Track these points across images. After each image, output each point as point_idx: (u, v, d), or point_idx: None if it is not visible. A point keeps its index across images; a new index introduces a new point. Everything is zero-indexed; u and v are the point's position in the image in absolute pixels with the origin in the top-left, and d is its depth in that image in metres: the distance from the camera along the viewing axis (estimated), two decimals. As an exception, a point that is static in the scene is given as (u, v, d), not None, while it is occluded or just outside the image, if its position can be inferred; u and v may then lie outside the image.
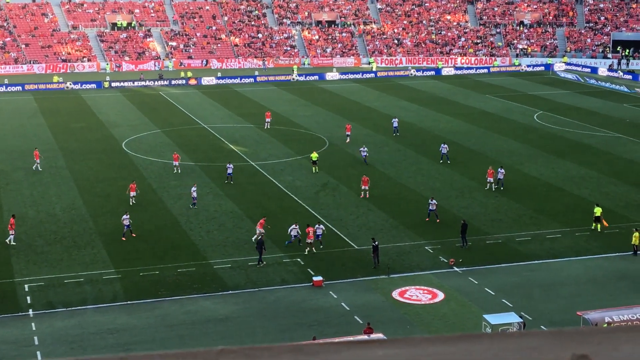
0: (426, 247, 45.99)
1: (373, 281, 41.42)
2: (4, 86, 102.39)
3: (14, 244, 45.84)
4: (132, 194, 52.51)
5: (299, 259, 43.94)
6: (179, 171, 60.40)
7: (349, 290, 40.22)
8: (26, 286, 40.07)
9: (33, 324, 36.14)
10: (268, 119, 78.11)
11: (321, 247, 45.32)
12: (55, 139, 73.29)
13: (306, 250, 44.71)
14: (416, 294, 39.83)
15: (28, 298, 38.77)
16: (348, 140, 71.63)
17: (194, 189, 53.32)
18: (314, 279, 40.90)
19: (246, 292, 39.94)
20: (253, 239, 45.32)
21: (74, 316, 37.04)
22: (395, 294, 39.72)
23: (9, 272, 41.71)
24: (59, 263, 43.11)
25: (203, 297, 39.25)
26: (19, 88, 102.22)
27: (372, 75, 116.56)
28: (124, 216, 47.08)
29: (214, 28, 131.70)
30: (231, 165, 58.93)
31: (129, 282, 40.90)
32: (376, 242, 43.22)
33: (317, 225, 46.06)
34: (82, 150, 68.42)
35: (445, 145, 65.29)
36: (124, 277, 41.37)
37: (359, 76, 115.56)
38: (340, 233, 48.10)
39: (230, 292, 39.97)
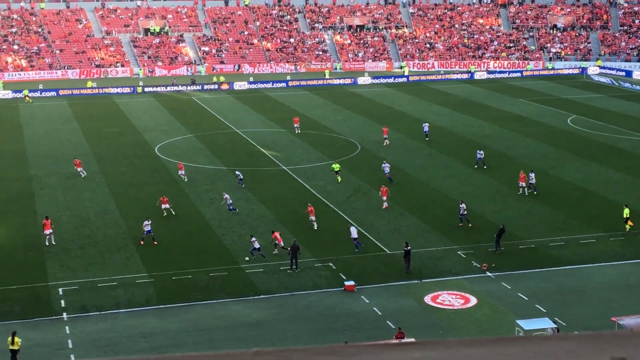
0: (458, 252, 45.73)
1: (405, 286, 41.26)
2: (39, 91, 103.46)
3: (54, 243, 46.37)
4: (165, 205, 52.30)
5: (331, 264, 43.89)
6: (186, 179, 60.22)
7: (381, 295, 40.10)
8: (60, 290, 40.41)
9: (67, 328, 36.42)
10: (296, 124, 78.17)
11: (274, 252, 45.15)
12: (89, 143, 73.89)
13: (275, 251, 44.92)
14: (448, 299, 39.61)
15: (62, 301, 39.08)
16: (386, 143, 71.59)
17: (226, 195, 53.45)
18: (346, 283, 40.83)
19: (278, 297, 39.95)
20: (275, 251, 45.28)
21: (107, 320, 37.28)
22: (427, 299, 39.53)
23: (43, 276, 42.09)
24: (92, 267, 43.42)
25: (235, 302, 39.32)
26: (54, 93, 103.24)
27: (404, 79, 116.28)
28: (145, 222, 47.27)
29: (246, 33, 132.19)
30: (239, 173, 59.34)
31: (161, 286, 41.09)
32: (409, 247, 43.04)
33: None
34: (115, 155, 68.92)
35: (481, 152, 64.87)
36: (156, 281, 41.57)
37: (390, 80, 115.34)
38: (372, 237, 47.98)
39: (262, 296, 40.01)
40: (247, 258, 44.15)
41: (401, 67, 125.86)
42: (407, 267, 42.73)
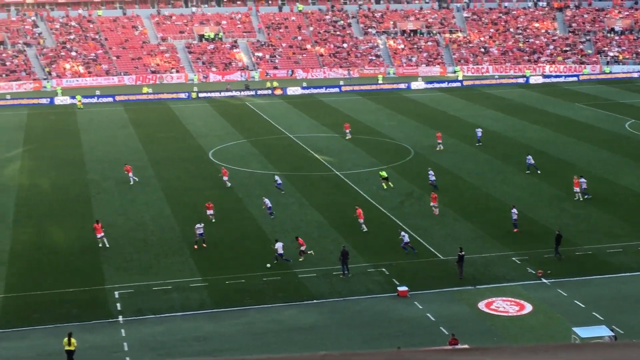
0: (513, 258, 45.22)
1: (458, 292, 40.92)
2: (96, 97, 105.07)
3: (108, 246, 47.06)
4: (210, 212, 52.39)
5: (384, 269, 43.73)
6: (229, 184, 60.64)
7: (434, 301, 39.82)
8: (116, 293, 40.90)
9: (122, 330, 36.83)
10: (347, 130, 78.02)
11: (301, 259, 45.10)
12: (145, 148, 74.77)
13: (300, 258, 44.79)
14: (503, 306, 39.17)
15: (118, 305, 39.55)
16: (439, 148, 71.26)
17: (266, 200, 53.71)
18: (399, 289, 40.64)
19: (331, 302, 39.92)
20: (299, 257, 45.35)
21: (162, 323, 37.62)
22: (481, 305, 39.15)
23: (100, 279, 42.65)
24: (147, 270, 43.89)
25: (288, 306, 39.39)
26: (110, 99, 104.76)
27: (458, 84, 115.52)
28: (198, 225, 47.68)
29: (299, 38, 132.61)
30: (277, 178, 59.59)
31: (215, 290, 41.35)
32: (462, 252, 42.71)
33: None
34: (170, 160, 69.60)
35: (530, 157, 64.07)
36: (210, 285, 41.84)
37: (444, 85, 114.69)
38: (425, 243, 47.70)
39: (315, 301, 40.01)
40: (268, 265, 44.15)
41: (455, 72, 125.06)
42: (460, 272, 42.40)
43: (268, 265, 44.05)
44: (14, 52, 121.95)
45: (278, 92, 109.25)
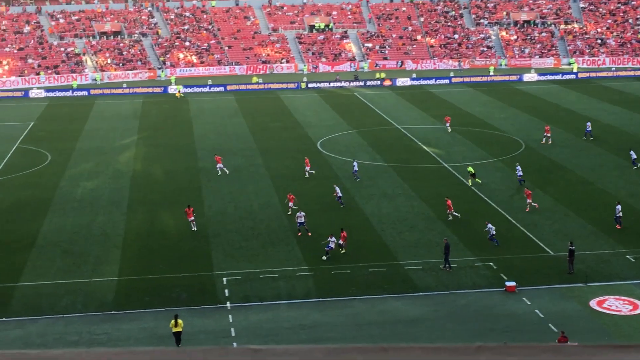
0: (627, 256, 43.83)
1: (569, 289, 39.93)
2: (208, 87, 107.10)
3: (195, 230, 48.40)
4: (291, 204, 52.16)
5: (491, 263, 43.07)
6: (308, 175, 60.68)
7: (543, 297, 38.97)
8: (224, 279, 41.60)
9: (230, 316, 37.44)
10: (448, 123, 76.73)
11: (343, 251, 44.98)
12: (254, 138, 75.75)
13: (342, 251, 44.56)
14: (615, 304, 38.01)
15: (226, 291, 40.22)
16: (544, 141, 69.73)
17: (337, 188, 53.88)
18: (507, 284, 39.95)
19: (437, 295, 39.58)
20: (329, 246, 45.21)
21: (268, 310, 38.05)
22: (592, 303, 38.09)
23: (208, 265, 43.47)
24: (255, 258, 44.46)
25: (393, 298, 39.25)
26: (222, 89, 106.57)
27: (573, 76, 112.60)
28: (298, 214, 48.14)
29: (409, 29, 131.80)
30: (355, 164, 59.70)
31: (321, 279, 41.56)
32: (573, 246, 41.67)
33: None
34: (279, 149, 70.27)
35: (632, 152, 62.03)
36: (316, 275, 42.07)
37: (558, 77, 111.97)
38: (535, 238, 46.73)
39: (420, 293, 39.74)
40: (324, 257, 43.95)
41: (570, 64, 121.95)
42: (570, 267, 41.37)
43: (324, 258, 43.96)
44: (131, 42, 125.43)
45: (387, 83, 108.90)
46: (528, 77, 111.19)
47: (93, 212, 53.24)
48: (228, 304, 38.75)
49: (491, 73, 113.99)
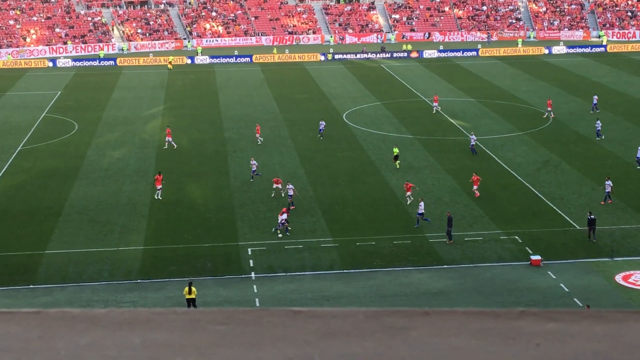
0: (654, 231, 43.51)
1: (595, 263, 39.76)
2: (234, 57, 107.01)
3: (160, 198, 49.05)
4: (277, 186, 49.79)
5: (516, 237, 42.93)
6: (260, 142, 60.91)
7: (568, 271, 38.84)
8: (249, 250, 41.80)
9: (255, 287, 37.65)
10: (436, 103, 74.24)
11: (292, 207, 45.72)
12: (280, 109, 75.72)
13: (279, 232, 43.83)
14: (641, 280, 37.81)
15: (251, 261, 40.42)
16: (546, 115, 69.12)
17: (253, 162, 53.43)
18: (532, 257, 39.84)
19: (461, 267, 39.55)
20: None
21: (293, 281, 38.23)
22: (618, 278, 37.90)
23: (234, 236, 43.66)
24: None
25: (417, 270, 39.27)
26: (247, 59, 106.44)
27: (602, 49, 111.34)
28: (288, 185, 48.34)
29: (437, 0, 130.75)
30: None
31: (345, 251, 41.64)
32: (592, 216, 41.62)
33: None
34: (304, 121, 70.20)
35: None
36: (340, 246, 42.15)
37: (587, 50, 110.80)
38: (561, 212, 46.49)
39: (445, 266, 39.73)
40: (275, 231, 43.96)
41: (599, 37, 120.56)
42: (591, 236, 41.43)
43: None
44: (157, 12, 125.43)
45: (414, 55, 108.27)
46: (557, 49, 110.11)
47: (119, 181, 53.59)
48: (253, 274, 38.96)
49: (519, 45, 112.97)
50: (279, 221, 43.57)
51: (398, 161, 55.45)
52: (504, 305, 35.33)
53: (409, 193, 47.60)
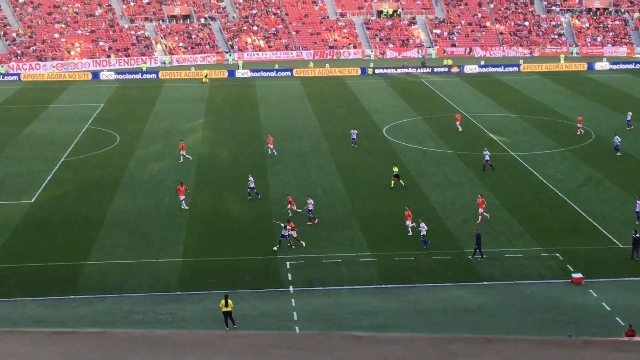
0: (699, 251, 42.75)
1: (637, 282, 39.18)
2: (275, 71, 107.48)
3: (187, 208, 49.76)
4: (293, 207, 49.53)
5: (557, 254, 42.48)
6: (183, 159, 61.48)
7: (610, 290, 38.32)
8: (288, 263, 41.81)
9: (293, 300, 37.63)
10: (458, 122, 73.71)
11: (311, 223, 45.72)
12: (320, 123, 75.83)
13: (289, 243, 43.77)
14: (685, 300, 37.15)
15: (289, 275, 40.42)
16: (579, 132, 68.54)
17: (250, 178, 53.03)
18: (574, 275, 39.37)
19: (501, 284, 39.20)
20: None
21: (330, 295, 38.15)
22: (661, 298, 37.31)
23: (272, 249, 43.66)
24: (318, 243, 44.57)
25: (456, 286, 39.00)
26: (288, 73, 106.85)
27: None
28: (308, 200, 48.29)
29: (479, 15, 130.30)
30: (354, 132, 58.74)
31: (383, 266, 41.48)
32: (637, 234, 41.00)
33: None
34: (344, 135, 70.15)
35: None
36: (379, 261, 42.01)
37: (631, 66, 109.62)
38: (603, 229, 45.94)
39: (484, 282, 39.41)
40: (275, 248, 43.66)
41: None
42: (633, 254, 40.90)
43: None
44: (200, 25, 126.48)
45: (455, 70, 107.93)
46: (600, 65, 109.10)
47: (159, 193, 53.99)
48: (291, 288, 38.96)
49: (562, 61, 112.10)
50: (281, 235, 43.58)
51: (394, 180, 54.27)
52: (544, 323, 34.96)
53: (408, 222, 45.73)
